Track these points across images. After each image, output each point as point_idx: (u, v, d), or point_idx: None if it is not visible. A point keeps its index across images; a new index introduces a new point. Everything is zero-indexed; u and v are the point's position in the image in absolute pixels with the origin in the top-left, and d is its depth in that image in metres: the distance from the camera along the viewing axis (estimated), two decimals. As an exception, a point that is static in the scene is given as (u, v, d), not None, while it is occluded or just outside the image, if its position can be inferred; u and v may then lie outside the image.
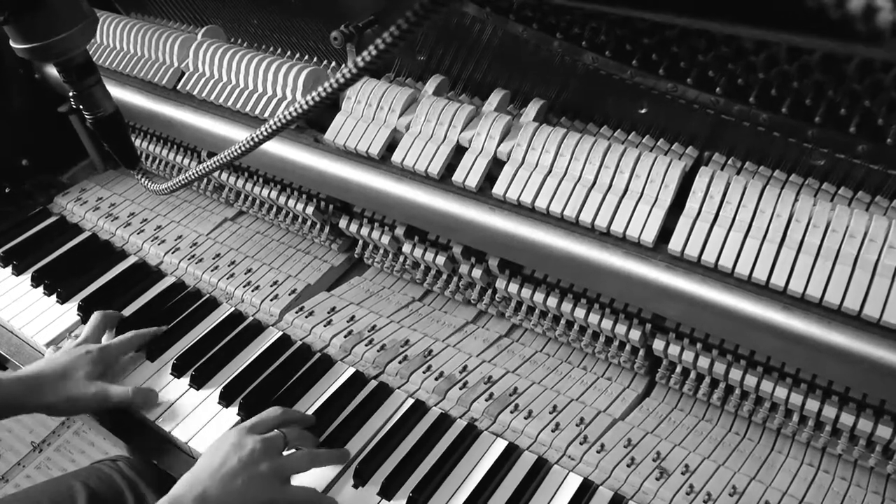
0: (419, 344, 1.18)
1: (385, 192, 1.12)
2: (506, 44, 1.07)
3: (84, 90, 0.76)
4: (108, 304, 1.27)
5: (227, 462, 0.91)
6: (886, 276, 0.84)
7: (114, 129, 0.81)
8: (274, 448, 0.94)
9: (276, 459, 0.94)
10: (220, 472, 0.90)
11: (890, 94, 0.85)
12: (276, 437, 0.95)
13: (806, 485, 0.98)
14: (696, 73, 0.95)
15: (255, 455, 0.92)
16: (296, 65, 1.21)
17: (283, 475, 0.94)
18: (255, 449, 0.92)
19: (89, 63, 0.75)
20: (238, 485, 0.89)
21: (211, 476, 0.88)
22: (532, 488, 0.97)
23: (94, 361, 1.11)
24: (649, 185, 0.95)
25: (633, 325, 1.03)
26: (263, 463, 0.92)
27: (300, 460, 0.97)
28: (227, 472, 0.89)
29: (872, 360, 0.84)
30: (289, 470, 0.95)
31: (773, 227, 0.89)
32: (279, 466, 0.93)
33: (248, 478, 0.90)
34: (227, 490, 0.88)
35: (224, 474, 0.89)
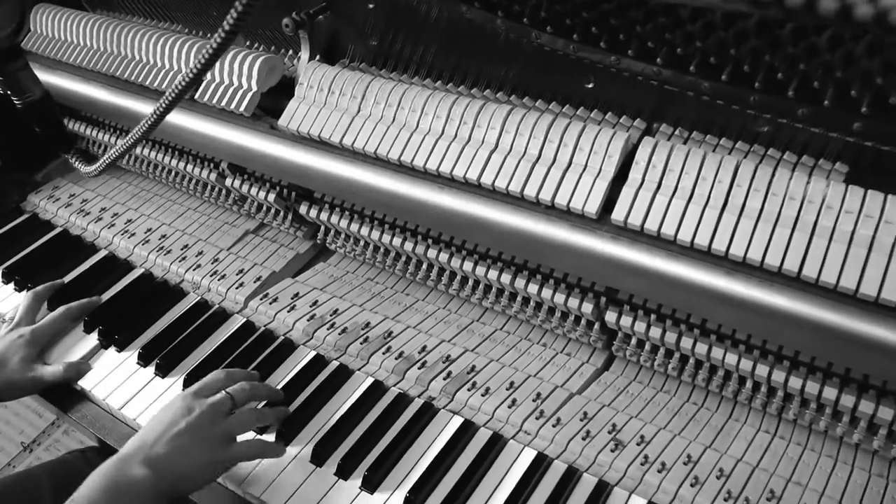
0: (380, 326, 1.18)
1: (339, 176, 1.12)
2: (452, 24, 1.08)
3: (10, 75, 0.77)
4: (77, 298, 1.28)
5: (175, 425, 0.93)
6: (824, 237, 0.84)
7: (44, 112, 0.81)
8: (220, 410, 0.96)
9: (223, 421, 0.96)
10: (167, 433, 0.92)
11: (824, 58, 0.85)
12: (222, 400, 0.97)
13: (761, 451, 0.98)
14: (636, 45, 0.95)
15: (203, 418, 0.94)
16: (251, 53, 1.22)
17: (229, 436, 0.96)
18: (202, 412, 0.94)
19: (15, 48, 0.76)
20: (185, 445, 0.91)
21: (158, 437, 0.91)
22: (487, 463, 0.98)
23: (28, 344, 1.15)
24: (593, 157, 0.95)
25: (586, 299, 1.03)
26: (210, 425, 0.94)
27: (245, 420, 0.99)
28: (174, 434, 0.91)
29: (815, 322, 0.84)
30: (235, 430, 0.97)
31: (714, 194, 0.90)
32: (225, 427, 0.96)
33: (195, 439, 0.92)
34: (174, 450, 0.90)
35: (171, 436, 0.91)
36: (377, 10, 1.15)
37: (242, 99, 1.21)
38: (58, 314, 1.23)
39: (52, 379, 1.15)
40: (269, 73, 1.21)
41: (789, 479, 0.94)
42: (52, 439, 2.18)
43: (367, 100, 1.10)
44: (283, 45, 1.34)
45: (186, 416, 0.93)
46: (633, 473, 0.95)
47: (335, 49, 1.24)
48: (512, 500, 0.93)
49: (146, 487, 0.86)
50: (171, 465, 0.89)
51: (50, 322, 1.22)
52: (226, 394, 0.99)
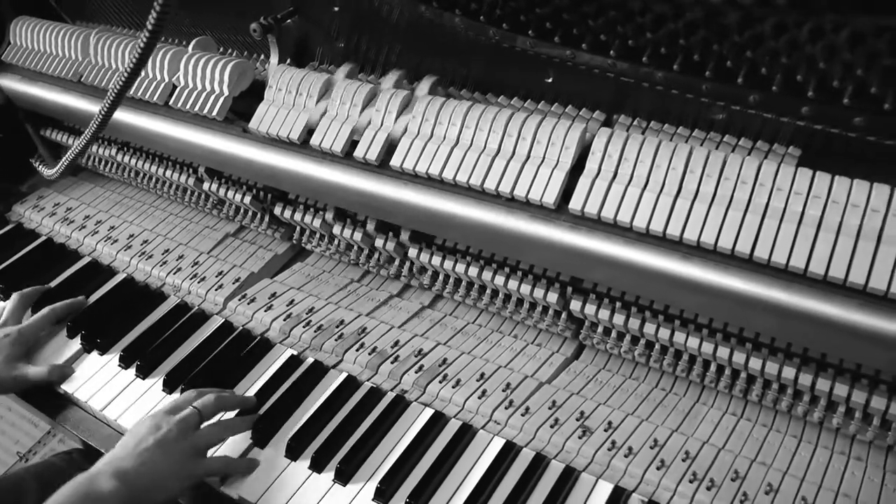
0: (354, 323, 1.20)
1: (309, 176, 1.14)
2: (413, 24, 1.10)
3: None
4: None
5: (144, 442, 0.96)
6: (775, 219, 0.86)
7: (7, 119, 0.83)
8: (188, 426, 0.99)
9: (190, 436, 0.98)
10: (136, 450, 0.94)
11: (769, 45, 0.87)
12: (189, 416, 1.00)
13: (727, 433, 1.00)
14: (589, 38, 0.97)
15: (171, 434, 0.97)
16: (222, 59, 1.24)
17: (198, 450, 0.99)
18: (170, 429, 0.97)
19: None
20: (153, 460, 0.94)
21: (128, 454, 0.94)
22: (457, 453, 1.00)
23: (13, 344, 1.18)
24: (550, 149, 0.97)
25: (552, 289, 1.05)
26: (178, 441, 0.97)
27: (213, 433, 1.01)
28: (142, 450, 0.94)
29: (768, 302, 0.86)
30: (203, 444, 1.00)
31: (668, 180, 0.91)
32: (193, 441, 0.98)
33: (163, 453, 0.95)
34: (143, 465, 0.93)
35: (140, 451, 0.94)
36: (342, 13, 1.17)
37: (215, 104, 1.23)
38: (43, 314, 1.26)
39: (35, 379, 1.17)
40: (240, 77, 1.23)
41: (754, 459, 0.96)
42: (48, 448, 2.21)
43: (334, 100, 1.12)
44: (256, 50, 1.36)
45: (154, 433, 0.96)
46: (601, 459, 0.97)
47: (305, 52, 1.27)
48: (480, 487, 0.95)
49: (115, 500, 0.88)
50: (140, 479, 0.92)
51: (35, 322, 1.25)
52: (193, 408, 1.01)
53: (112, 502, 0.88)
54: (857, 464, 0.94)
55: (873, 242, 0.81)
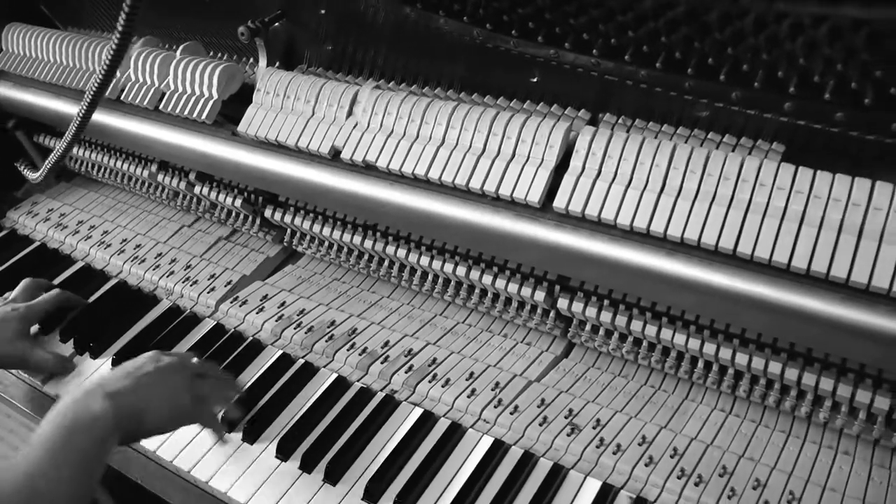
0: (345, 324, 1.21)
1: (298, 178, 1.15)
2: (398, 26, 1.11)
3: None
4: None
5: (143, 367, 0.95)
6: (758, 214, 0.86)
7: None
8: (189, 367, 0.99)
9: (192, 378, 0.98)
10: (133, 373, 0.93)
11: (749, 41, 0.87)
12: (191, 359, 1.01)
13: (716, 429, 1.00)
14: (572, 37, 0.97)
15: (172, 367, 0.97)
16: (210, 63, 1.25)
17: (194, 393, 0.98)
18: (173, 362, 0.97)
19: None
20: (151, 385, 0.92)
21: (121, 377, 0.91)
22: (445, 452, 1.00)
23: (21, 318, 1.19)
24: (535, 148, 0.98)
25: (539, 287, 1.05)
26: (178, 373, 0.96)
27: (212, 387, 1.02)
28: (140, 375, 0.93)
29: (753, 298, 0.86)
30: (201, 391, 0.99)
31: (652, 177, 0.92)
32: (192, 384, 0.98)
33: (163, 383, 0.94)
34: (139, 388, 0.91)
35: (138, 376, 0.92)
36: (328, 16, 1.18)
37: (204, 107, 1.24)
38: (52, 295, 1.27)
39: (38, 361, 1.17)
40: (229, 81, 1.24)
41: (742, 454, 0.96)
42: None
43: (321, 103, 1.13)
44: (245, 54, 1.37)
45: (155, 362, 0.95)
46: (589, 456, 0.97)
47: (293, 55, 1.27)
48: (468, 486, 0.95)
49: (108, 420, 0.85)
50: (134, 401, 0.89)
51: (44, 301, 1.25)
52: (191, 359, 1.02)
53: (104, 424, 0.85)
54: (845, 458, 0.94)
55: (855, 237, 0.82)
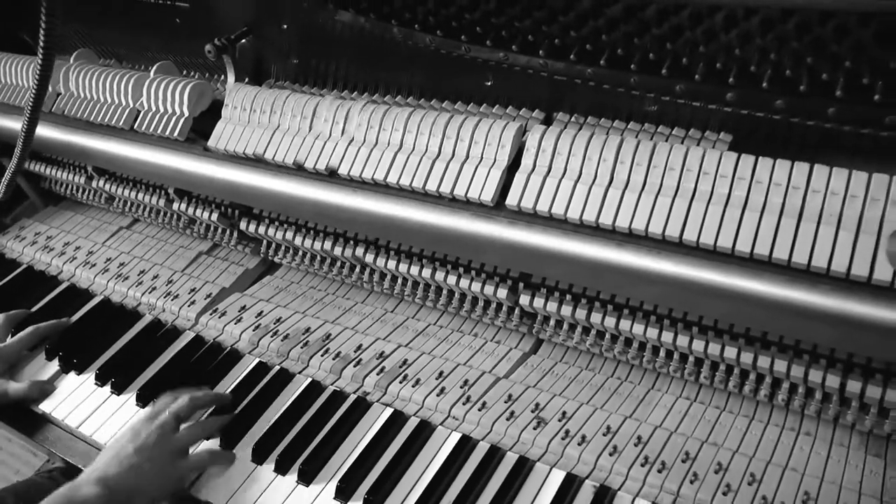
0: (320, 330, 1.23)
1: (267, 189, 1.18)
2: (355, 37, 1.14)
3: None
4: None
5: (124, 450, 1.00)
6: (703, 201, 0.88)
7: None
8: (166, 430, 1.02)
9: (169, 440, 1.02)
10: (117, 457, 0.99)
11: (686, 35, 0.90)
12: (166, 421, 1.03)
13: (680, 417, 1.02)
14: (519, 40, 1.00)
15: (150, 440, 1.01)
16: (181, 81, 1.28)
17: (177, 451, 1.02)
18: (149, 434, 1.01)
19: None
20: (135, 465, 0.97)
21: (109, 463, 0.98)
22: (415, 449, 1.02)
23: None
24: (487, 149, 1.00)
25: (501, 285, 1.08)
26: (157, 445, 1.01)
27: (190, 434, 1.05)
28: (123, 457, 0.98)
29: (701, 283, 0.88)
30: (182, 445, 1.03)
31: (600, 171, 0.94)
32: (172, 444, 1.02)
33: (144, 459, 0.99)
34: (126, 470, 0.97)
35: (121, 458, 0.98)
36: (291, 31, 1.21)
37: (176, 125, 1.27)
38: (26, 333, 1.30)
39: (16, 394, 1.21)
40: (200, 98, 1.27)
41: (705, 440, 0.98)
42: (49, 475, 2.24)
43: (285, 115, 1.16)
44: (217, 71, 1.40)
45: (134, 441, 1.00)
46: (555, 448, 0.99)
47: (261, 70, 1.31)
48: (436, 480, 0.97)
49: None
50: (122, 484, 0.95)
51: (18, 340, 1.29)
52: (169, 414, 1.05)
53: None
54: (806, 438, 0.96)
55: (794, 219, 0.84)
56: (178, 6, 1.34)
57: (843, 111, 0.86)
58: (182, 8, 1.34)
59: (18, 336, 1.29)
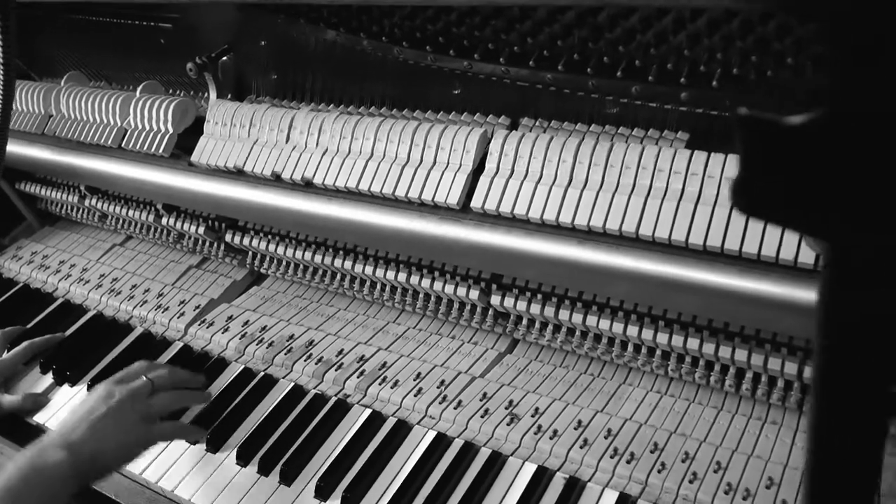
0: (303, 336, 1.27)
1: (248, 201, 1.22)
2: (328, 51, 1.18)
3: None
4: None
5: (96, 410, 1.00)
6: (657, 198, 0.92)
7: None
8: (140, 394, 1.04)
9: (143, 403, 1.04)
10: (88, 418, 0.99)
11: (637, 38, 0.93)
12: (141, 385, 1.06)
13: (650, 410, 1.04)
14: (480, 48, 1.04)
15: (123, 402, 1.02)
16: (165, 99, 1.33)
17: (150, 417, 1.04)
18: (122, 396, 1.02)
19: None
20: (106, 428, 0.98)
21: (79, 421, 0.98)
22: (392, 448, 1.05)
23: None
24: (453, 154, 1.04)
25: (472, 286, 1.11)
26: (129, 408, 1.02)
27: (164, 400, 1.07)
28: (95, 418, 0.99)
29: (659, 277, 0.91)
30: (155, 411, 1.05)
31: (560, 172, 0.98)
32: (145, 409, 1.04)
33: (116, 421, 1.00)
34: (94, 433, 0.97)
35: (93, 420, 0.99)
36: (269, 47, 1.26)
37: (161, 141, 1.32)
38: (21, 348, 1.34)
39: (10, 406, 1.24)
40: (183, 115, 1.32)
41: (674, 431, 1.00)
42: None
43: (263, 128, 1.20)
44: (201, 89, 1.45)
45: (106, 401, 1.01)
46: (527, 443, 1.02)
47: (243, 86, 1.35)
48: (412, 477, 1.00)
49: (64, 469, 0.91)
50: (91, 448, 0.96)
51: (13, 355, 1.33)
52: (146, 379, 1.07)
53: (60, 471, 0.91)
54: (772, 427, 0.98)
55: (743, 211, 0.86)
56: (161, 27, 1.39)
57: (791, 107, 0.89)
58: (165, 29, 1.39)
59: (14, 351, 1.33)
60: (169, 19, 1.38)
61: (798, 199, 0.22)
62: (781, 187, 0.22)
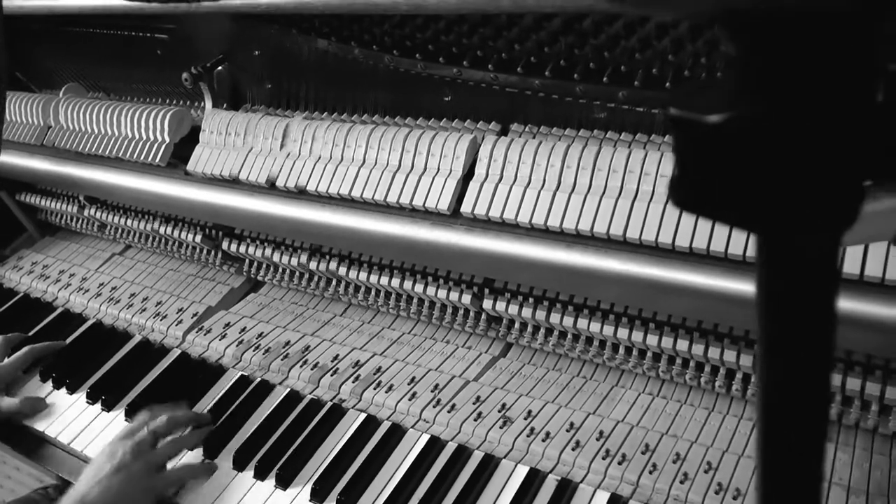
0: (299, 343, 1.28)
1: (243, 209, 1.23)
2: (320, 60, 1.20)
3: None
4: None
5: (101, 470, 1.03)
6: (644, 201, 0.93)
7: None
8: (142, 447, 1.06)
9: (146, 456, 1.06)
10: (96, 478, 1.02)
11: (622, 44, 0.95)
12: (143, 438, 1.08)
13: (642, 412, 1.05)
14: (469, 55, 1.05)
15: (126, 458, 1.04)
16: (161, 109, 1.35)
17: (155, 467, 1.06)
18: (125, 452, 1.05)
19: None
20: (115, 485, 1.01)
21: (90, 487, 1.01)
22: (386, 451, 1.06)
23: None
24: (443, 161, 1.05)
25: (465, 291, 1.12)
26: (134, 463, 1.04)
27: (167, 449, 1.09)
28: (102, 478, 1.02)
29: (648, 280, 0.92)
30: (159, 461, 1.07)
31: (548, 177, 0.99)
32: (149, 460, 1.05)
33: (123, 478, 1.02)
34: (107, 492, 1.00)
35: (101, 479, 1.02)
36: (262, 56, 1.27)
37: (158, 151, 1.34)
38: (21, 353, 1.37)
39: (8, 409, 1.27)
40: (179, 124, 1.34)
41: (665, 432, 1.01)
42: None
43: (257, 137, 1.22)
44: (196, 98, 1.47)
45: (111, 460, 1.04)
46: (520, 445, 1.03)
47: (238, 95, 1.37)
48: (405, 480, 1.01)
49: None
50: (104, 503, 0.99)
51: (14, 360, 1.35)
52: (146, 431, 1.09)
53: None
54: (762, 428, 0.99)
55: (728, 213, 0.88)
56: (157, 38, 1.41)
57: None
58: (161, 39, 1.41)
59: (15, 356, 1.35)
60: (165, 30, 1.40)
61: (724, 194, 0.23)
62: (709, 183, 0.23)
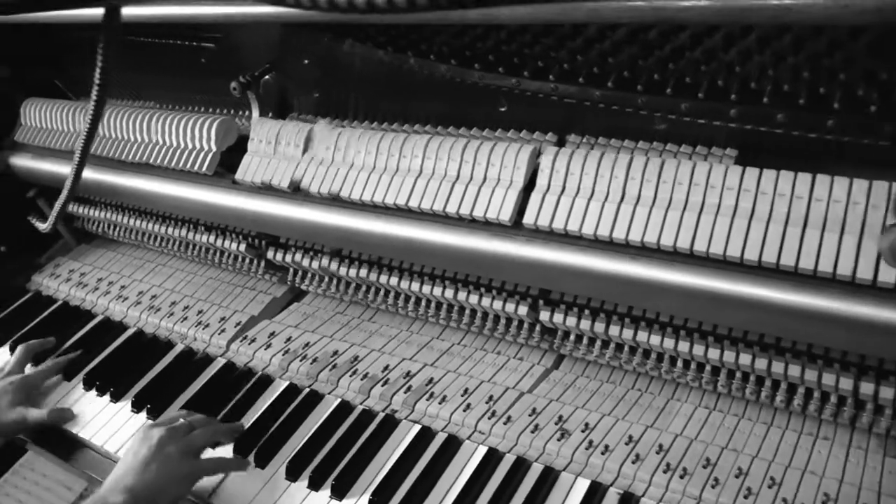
0: (347, 352, 1.28)
1: (294, 219, 1.23)
2: (374, 69, 1.20)
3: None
4: (76, 360, 1.41)
5: (139, 454, 1.05)
6: (711, 213, 0.92)
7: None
8: (177, 432, 1.08)
9: (181, 440, 1.07)
10: (134, 464, 1.04)
11: (687, 55, 0.94)
12: (179, 425, 1.09)
13: (700, 425, 1.05)
14: (530, 66, 1.05)
15: (162, 441, 1.06)
16: (208, 118, 1.35)
17: (191, 452, 1.08)
18: (161, 437, 1.06)
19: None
20: (153, 469, 1.03)
21: (127, 470, 1.03)
22: (443, 463, 1.05)
23: (16, 390, 1.29)
24: (503, 171, 1.05)
25: (521, 302, 1.12)
26: (170, 446, 1.06)
27: (202, 435, 1.10)
28: (140, 462, 1.03)
29: (713, 293, 0.91)
30: (195, 446, 1.08)
31: (612, 188, 0.99)
32: (185, 445, 1.07)
33: (160, 462, 1.04)
34: (145, 476, 1.02)
35: (139, 465, 1.03)
36: (312, 66, 1.27)
37: (204, 160, 1.34)
38: (45, 366, 1.38)
39: (35, 420, 1.27)
40: (226, 133, 1.34)
41: (725, 446, 1.00)
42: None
43: (310, 146, 1.22)
44: (240, 107, 1.47)
45: (148, 443, 1.05)
46: (579, 458, 1.02)
47: (285, 104, 1.37)
48: (464, 493, 1.01)
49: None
50: (145, 489, 1.01)
51: (38, 372, 1.37)
52: (182, 419, 1.11)
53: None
54: (824, 443, 0.98)
55: (799, 227, 0.87)
56: (204, 47, 1.41)
57: (841, 122, 0.90)
58: (209, 48, 1.41)
59: (39, 368, 1.37)
60: (212, 39, 1.40)
61: None
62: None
